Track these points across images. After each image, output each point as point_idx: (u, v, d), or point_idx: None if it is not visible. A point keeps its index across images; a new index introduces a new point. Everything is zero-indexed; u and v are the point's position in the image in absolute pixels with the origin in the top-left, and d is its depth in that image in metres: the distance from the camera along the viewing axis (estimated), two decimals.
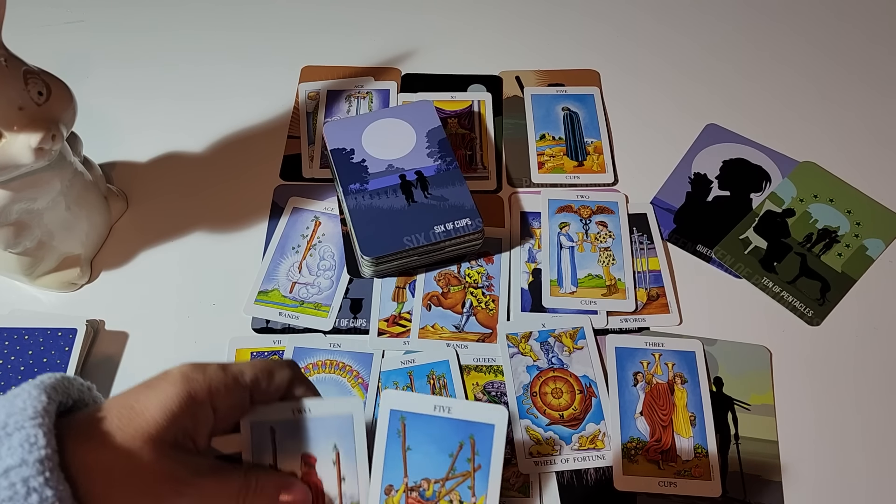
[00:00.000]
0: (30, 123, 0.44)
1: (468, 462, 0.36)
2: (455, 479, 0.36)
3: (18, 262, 0.53)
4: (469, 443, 0.36)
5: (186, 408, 0.32)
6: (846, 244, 0.60)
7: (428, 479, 0.36)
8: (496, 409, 0.36)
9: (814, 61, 0.73)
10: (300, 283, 0.57)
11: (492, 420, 0.36)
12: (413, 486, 0.36)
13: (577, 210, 0.61)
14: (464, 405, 0.36)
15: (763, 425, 0.51)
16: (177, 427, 0.32)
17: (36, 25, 0.75)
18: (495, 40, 0.74)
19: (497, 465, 0.35)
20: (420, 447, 0.36)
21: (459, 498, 0.35)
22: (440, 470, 0.36)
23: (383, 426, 0.36)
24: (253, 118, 0.68)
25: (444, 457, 0.36)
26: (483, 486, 0.35)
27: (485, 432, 0.36)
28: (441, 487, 0.36)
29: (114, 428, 0.31)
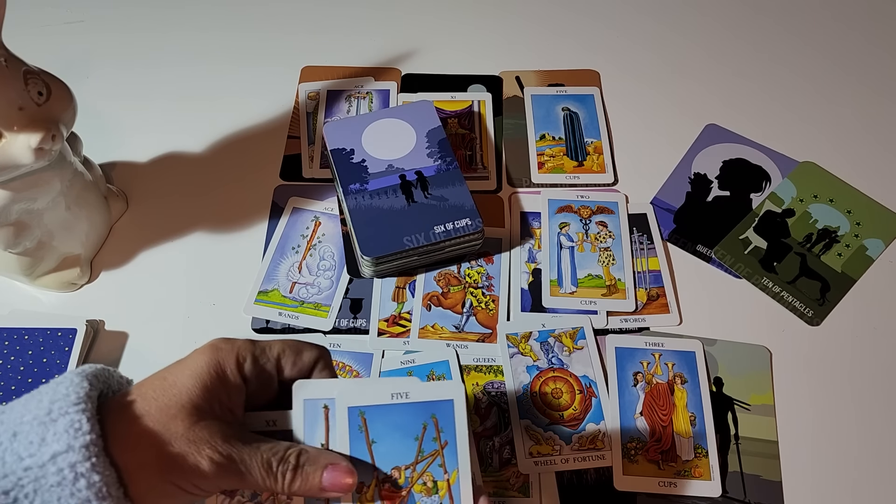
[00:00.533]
0: (30, 123, 0.44)
1: (434, 441, 0.35)
2: (425, 460, 0.35)
3: (18, 262, 0.53)
4: (432, 422, 0.35)
5: (216, 375, 0.32)
6: (846, 244, 0.60)
7: (398, 466, 0.35)
8: (452, 385, 0.36)
9: (814, 62, 0.73)
10: (300, 283, 0.57)
11: (449, 396, 0.36)
12: (384, 477, 0.35)
13: (577, 210, 0.61)
14: (420, 387, 0.36)
15: (763, 425, 0.51)
16: (210, 394, 0.32)
17: (36, 26, 0.75)
18: (495, 40, 0.74)
19: (463, 438, 0.35)
20: (384, 438, 0.35)
21: (433, 478, 0.35)
22: (409, 455, 0.35)
23: (343, 424, 0.35)
24: (253, 118, 0.68)
25: (411, 441, 0.35)
26: (453, 461, 0.35)
27: (445, 409, 0.35)
28: (412, 472, 0.35)
29: (149, 402, 0.31)
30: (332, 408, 0.36)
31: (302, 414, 0.36)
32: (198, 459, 0.30)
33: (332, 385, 0.36)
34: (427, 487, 0.35)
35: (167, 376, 0.32)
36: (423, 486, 0.35)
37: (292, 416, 0.36)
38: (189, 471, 0.30)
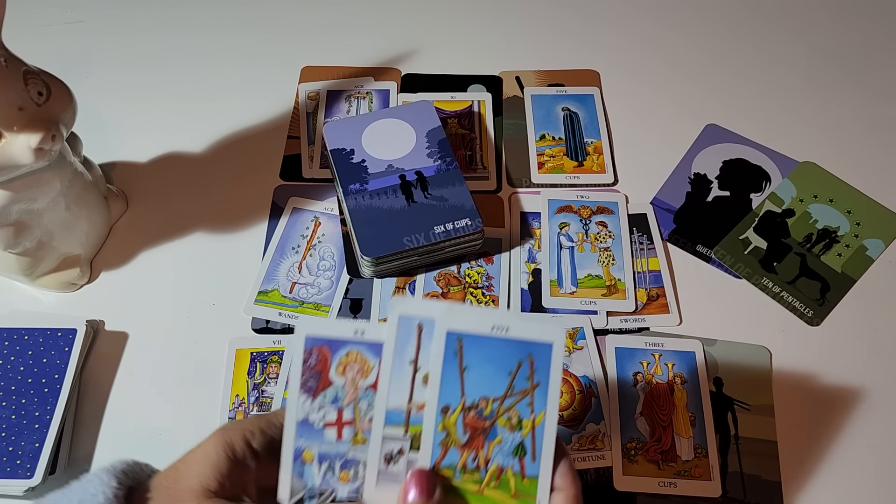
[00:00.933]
0: (30, 124, 0.44)
1: (527, 380, 0.35)
2: (514, 396, 0.36)
3: (18, 263, 0.53)
4: (528, 361, 0.35)
5: (226, 456, 0.33)
6: (846, 244, 0.60)
7: (486, 397, 0.36)
8: (554, 328, 0.35)
9: (814, 62, 0.73)
10: (300, 284, 0.57)
11: (550, 339, 0.35)
12: (471, 405, 0.36)
13: (577, 210, 0.61)
14: (522, 325, 0.36)
15: (763, 425, 0.51)
16: (220, 475, 0.33)
17: (36, 26, 0.75)
18: (495, 40, 0.74)
19: (556, 382, 0.35)
20: (477, 367, 0.36)
21: (518, 415, 0.35)
22: (498, 388, 0.36)
23: (439, 347, 0.36)
24: (253, 118, 0.68)
25: (503, 375, 0.36)
26: (542, 402, 0.35)
27: (543, 351, 0.35)
28: (499, 405, 0.35)
29: (162, 493, 0.33)
30: (427, 328, 0.36)
31: (395, 328, 0.36)
32: None
33: (430, 305, 0.36)
34: (511, 423, 0.36)
35: (179, 466, 0.34)
36: (508, 422, 0.36)
37: (385, 328, 0.36)
38: None
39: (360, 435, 0.37)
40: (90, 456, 0.50)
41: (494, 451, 0.35)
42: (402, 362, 0.36)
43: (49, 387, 0.50)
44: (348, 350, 0.37)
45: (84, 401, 0.52)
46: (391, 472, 0.36)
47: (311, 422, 0.37)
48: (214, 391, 0.52)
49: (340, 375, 0.37)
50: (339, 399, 0.37)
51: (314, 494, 0.37)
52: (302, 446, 0.37)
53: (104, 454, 0.50)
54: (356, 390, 0.37)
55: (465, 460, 0.36)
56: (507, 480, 0.35)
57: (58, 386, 0.50)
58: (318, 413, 0.37)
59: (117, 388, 0.53)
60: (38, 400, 0.49)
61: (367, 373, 0.37)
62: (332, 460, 0.37)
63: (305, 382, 0.37)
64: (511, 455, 0.35)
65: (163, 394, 0.52)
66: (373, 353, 0.37)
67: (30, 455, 0.47)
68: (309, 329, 0.37)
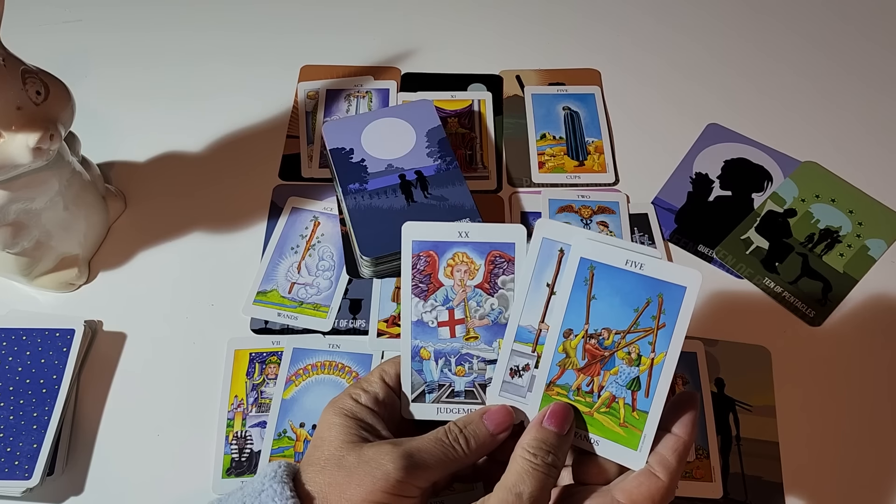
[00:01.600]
0: (28, 123, 0.43)
1: (653, 319, 0.36)
2: (636, 333, 0.36)
3: (16, 263, 0.53)
4: (657, 301, 0.36)
5: (343, 415, 0.37)
6: (848, 244, 0.59)
7: (609, 328, 0.36)
8: (690, 272, 0.35)
9: (816, 61, 0.72)
10: (299, 284, 0.56)
11: (684, 282, 0.35)
12: (593, 333, 0.36)
13: (578, 210, 0.60)
14: (657, 264, 0.36)
15: (764, 426, 0.51)
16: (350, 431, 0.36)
17: (34, 24, 0.74)
18: (495, 39, 0.74)
19: (682, 327, 0.35)
20: (605, 297, 0.36)
21: (638, 351, 0.36)
22: (623, 322, 0.36)
23: (571, 271, 0.36)
24: (252, 118, 0.67)
25: (629, 310, 0.36)
26: (664, 344, 0.35)
27: (675, 293, 0.35)
28: (621, 339, 0.36)
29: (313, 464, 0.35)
30: (568, 251, 0.37)
31: (537, 249, 0.37)
32: (385, 470, 0.33)
33: (571, 232, 0.37)
34: (630, 358, 0.36)
35: (316, 443, 0.36)
36: (627, 356, 0.36)
37: (528, 248, 0.37)
38: (382, 479, 0.33)
39: (471, 332, 0.39)
40: (88, 457, 0.49)
41: (610, 380, 0.36)
42: (540, 283, 0.37)
43: (47, 387, 0.50)
44: (454, 252, 0.39)
45: (82, 401, 0.52)
46: (514, 384, 0.38)
47: (426, 321, 0.39)
48: (213, 392, 0.52)
49: (449, 277, 0.39)
50: (450, 299, 0.39)
51: (434, 388, 0.39)
52: (419, 345, 0.39)
53: (103, 455, 0.50)
54: (465, 290, 0.39)
55: (579, 383, 0.37)
56: (617, 409, 0.36)
57: (56, 386, 0.50)
58: (431, 314, 0.39)
59: (115, 388, 0.52)
60: (35, 400, 0.49)
61: (474, 273, 0.39)
62: (448, 356, 0.39)
63: (417, 285, 0.39)
64: (625, 387, 0.36)
65: (161, 394, 0.52)
66: (478, 253, 0.39)
67: (28, 456, 0.47)
68: (415, 234, 0.39)
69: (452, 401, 0.40)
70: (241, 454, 0.49)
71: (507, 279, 0.39)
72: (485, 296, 0.39)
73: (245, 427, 0.50)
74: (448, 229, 0.39)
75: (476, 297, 0.39)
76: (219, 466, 0.49)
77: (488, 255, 0.39)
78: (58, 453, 0.48)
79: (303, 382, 0.52)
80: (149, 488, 0.48)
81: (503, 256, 0.39)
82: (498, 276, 0.39)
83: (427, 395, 0.40)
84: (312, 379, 0.52)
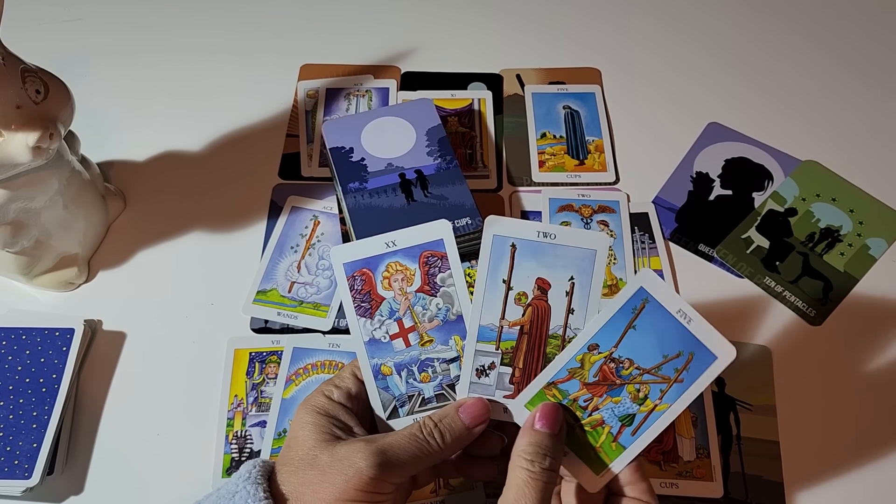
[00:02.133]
0: (27, 122, 0.43)
1: (675, 371, 0.36)
2: (655, 376, 0.37)
3: (16, 262, 0.53)
4: (687, 357, 0.36)
5: (316, 413, 0.37)
6: (848, 243, 0.59)
7: (633, 360, 0.37)
8: (727, 347, 0.36)
9: (816, 60, 0.72)
10: (299, 283, 0.56)
11: (718, 352, 0.36)
12: (616, 358, 0.37)
13: (579, 209, 0.60)
14: (704, 326, 0.36)
15: (765, 425, 0.51)
16: (322, 429, 0.36)
17: (34, 23, 0.74)
18: (496, 38, 0.74)
19: (696, 390, 0.36)
20: (644, 332, 0.37)
21: (647, 392, 0.37)
22: (648, 361, 0.37)
23: (626, 295, 0.37)
24: (251, 117, 0.67)
25: (659, 353, 0.37)
26: (673, 397, 0.36)
27: (705, 358, 0.36)
28: (639, 375, 0.37)
29: (288, 463, 0.35)
30: (520, 247, 0.38)
31: (489, 248, 0.38)
32: (358, 468, 0.33)
33: (520, 226, 0.38)
34: (637, 395, 0.37)
35: (290, 443, 0.36)
36: (636, 392, 0.37)
37: (481, 247, 0.38)
38: (354, 478, 0.33)
39: (425, 336, 0.39)
40: (88, 456, 0.49)
41: (608, 405, 0.37)
42: (496, 280, 0.38)
43: (47, 387, 0.50)
44: (387, 263, 0.39)
45: (82, 401, 0.52)
46: (482, 384, 0.38)
47: (377, 338, 0.39)
48: (213, 391, 0.52)
49: (388, 289, 0.39)
50: (395, 310, 0.39)
51: (404, 401, 0.39)
52: (378, 363, 0.39)
53: (102, 454, 0.50)
54: (407, 298, 0.39)
55: (579, 396, 0.37)
56: (600, 433, 0.37)
57: (55, 386, 0.50)
58: (381, 329, 0.39)
59: (115, 387, 0.52)
60: (35, 400, 0.49)
61: (412, 279, 0.39)
62: (409, 366, 0.39)
63: (359, 305, 0.39)
64: (618, 418, 0.37)
65: (161, 394, 0.52)
66: (409, 258, 0.39)
67: (28, 455, 0.47)
68: (343, 256, 0.39)
69: (426, 408, 0.39)
70: (241, 454, 0.49)
71: (446, 276, 0.39)
72: (428, 298, 0.39)
73: (245, 426, 0.50)
74: (374, 243, 0.39)
75: (420, 302, 0.39)
76: (219, 466, 0.49)
77: (420, 257, 0.39)
78: (58, 453, 0.48)
79: (303, 382, 0.52)
80: (149, 488, 0.48)
81: (435, 255, 0.39)
82: (436, 276, 0.39)
83: (400, 410, 0.39)
84: (312, 378, 0.52)
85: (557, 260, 0.38)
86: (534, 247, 0.38)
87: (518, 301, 0.38)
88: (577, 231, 0.38)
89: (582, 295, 0.38)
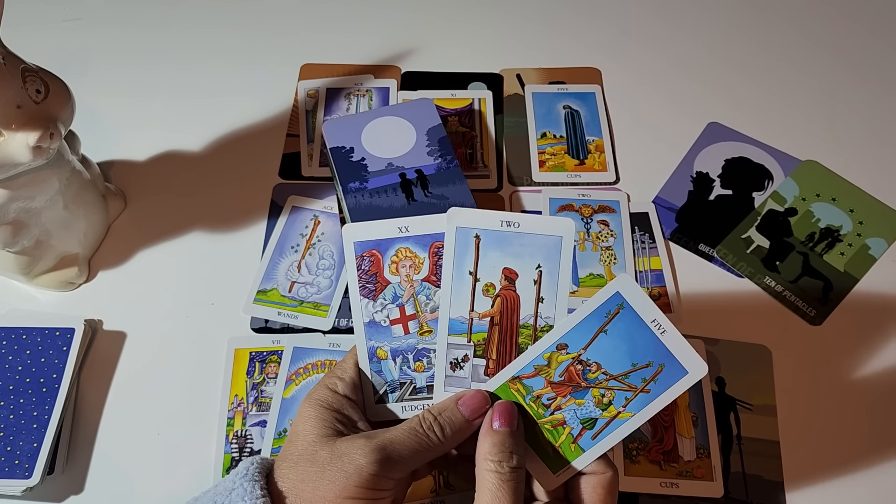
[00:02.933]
0: (28, 122, 0.43)
1: (643, 381, 0.36)
2: (621, 383, 0.36)
3: (16, 262, 0.53)
4: (656, 368, 0.36)
5: (320, 407, 0.36)
6: (849, 243, 0.59)
7: (600, 365, 0.36)
8: (699, 363, 0.36)
9: (816, 59, 0.72)
10: (299, 283, 0.56)
11: (689, 367, 0.36)
12: (584, 360, 0.36)
13: (579, 209, 0.60)
14: (678, 339, 0.36)
15: (765, 425, 0.51)
16: (326, 423, 0.36)
17: (34, 23, 0.74)
18: (496, 38, 0.74)
19: (662, 402, 0.36)
20: (615, 338, 0.36)
21: (612, 399, 0.36)
22: (616, 367, 0.36)
23: (601, 298, 0.37)
24: (252, 116, 0.67)
25: (628, 361, 0.36)
26: (638, 406, 0.36)
27: (675, 371, 0.36)
28: (605, 380, 0.36)
29: (288, 458, 0.35)
30: (484, 238, 0.38)
31: (453, 239, 0.38)
32: (358, 465, 0.33)
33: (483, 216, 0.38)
34: (601, 400, 0.36)
35: (291, 437, 0.36)
36: (600, 396, 0.36)
37: (445, 240, 0.38)
38: (355, 475, 0.33)
39: (425, 326, 0.39)
40: (89, 456, 0.49)
41: (570, 407, 0.37)
42: (462, 272, 0.38)
43: (47, 386, 0.50)
44: (397, 248, 0.38)
45: (82, 400, 0.52)
46: (457, 377, 0.38)
47: (377, 321, 0.39)
48: (213, 391, 0.52)
49: (394, 274, 0.39)
50: (399, 296, 0.39)
51: (395, 387, 0.39)
52: (374, 345, 0.39)
53: (103, 454, 0.50)
54: (412, 285, 0.39)
55: (542, 393, 0.37)
56: (560, 433, 0.37)
57: (56, 385, 0.50)
58: (382, 313, 0.39)
59: (115, 387, 0.52)
60: (36, 400, 0.49)
61: (419, 267, 0.39)
62: (405, 353, 0.39)
63: (364, 286, 0.39)
64: (580, 421, 0.37)
65: (161, 394, 0.52)
66: (420, 246, 0.39)
67: (28, 455, 0.47)
68: (356, 235, 0.39)
69: (416, 398, 0.39)
70: (241, 453, 0.49)
71: None
72: (433, 288, 0.39)
73: (245, 426, 0.50)
74: (388, 226, 0.39)
75: (425, 291, 0.39)
76: (219, 466, 0.49)
77: (431, 246, 0.39)
78: (58, 452, 0.48)
79: (303, 381, 0.52)
80: (149, 487, 0.48)
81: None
82: (443, 268, 0.39)
83: (390, 395, 0.39)
84: (313, 378, 0.52)
85: (523, 249, 0.37)
86: (498, 236, 0.37)
87: (486, 292, 0.38)
88: (541, 218, 0.37)
89: (551, 282, 0.37)
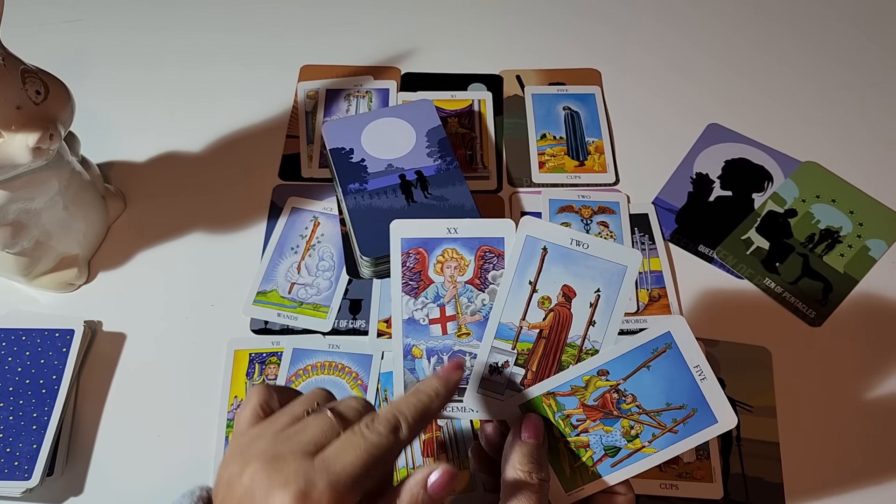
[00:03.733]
0: (27, 123, 0.43)
1: (673, 421, 0.37)
2: (652, 420, 0.37)
3: (16, 263, 0.53)
4: (689, 411, 0.36)
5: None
6: (848, 245, 0.59)
7: (636, 398, 0.37)
8: (730, 414, 0.36)
9: (816, 61, 0.72)
10: (299, 284, 0.56)
11: (720, 416, 0.36)
12: (621, 391, 0.37)
13: (579, 210, 0.60)
14: (714, 388, 0.37)
15: (765, 427, 0.51)
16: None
17: (34, 24, 0.74)
18: (496, 39, 0.74)
19: (687, 444, 0.36)
20: (656, 375, 0.37)
21: (640, 432, 0.37)
22: (650, 403, 0.37)
23: (651, 334, 0.37)
24: (251, 118, 0.67)
25: (663, 400, 0.37)
26: (662, 444, 0.37)
27: (706, 417, 0.36)
28: (637, 413, 0.37)
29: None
30: (551, 252, 0.38)
31: (521, 246, 0.38)
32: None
33: (555, 231, 0.38)
34: (629, 432, 0.37)
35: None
36: (628, 428, 0.37)
37: (512, 246, 0.38)
38: None
39: (463, 328, 0.39)
40: (88, 457, 0.49)
41: (598, 432, 0.37)
42: (522, 281, 0.38)
43: (47, 388, 0.50)
44: (444, 248, 0.38)
45: (82, 402, 0.51)
46: (493, 381, 0.38)
47: (416, 319, 0.39)
48: (213, 392, 0.52)
49: (439, 273, 0.39)
50: (441, 296, 0.39)
51: None
52: (410, 343, 0.39)
53: (102, 455, 0.50)
54: (455, 286, 0.39)
55: (573, 413, 0.37)
56: (580, 455, 0.37)
57: (55, 387, 0.50)
58: (422, 311, 0.39)
59: (115, 389, 0.52)
60: (35, 401, 0.49)
61: (464, 269, 0.39)
62: (440, 354, 0.39)
63: (407, 283, 0.39)
64: (603, 447, 0.37)
65: (161, 395, 0.52)
66: (467, 248, 0.39)
67: (27, 456, 0.47)
68: (403, 231, 0.39)
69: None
70: None
71: (497, 274, 0.39)
72: (475, 291, 0.39)
73: None
74: (437, 226, 0.39)
75: (467, 293, 0.39)
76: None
77: (478, 250, 0.39)
78: (57, 454, 0.48)
79: (303, 383, 0.52)
80: (149, 489, 0.48)
81: (492, 251, 0.39)
82: (488, 272, 0.39)
83: None
84: (312, 379, 0.52)
85: (587, 270, 0.38)
86: (565, 253, 0.38)
87: (541, 305, 0.38)
88: (610, 244, 0.38)
89: (606, 308, 0.37)
